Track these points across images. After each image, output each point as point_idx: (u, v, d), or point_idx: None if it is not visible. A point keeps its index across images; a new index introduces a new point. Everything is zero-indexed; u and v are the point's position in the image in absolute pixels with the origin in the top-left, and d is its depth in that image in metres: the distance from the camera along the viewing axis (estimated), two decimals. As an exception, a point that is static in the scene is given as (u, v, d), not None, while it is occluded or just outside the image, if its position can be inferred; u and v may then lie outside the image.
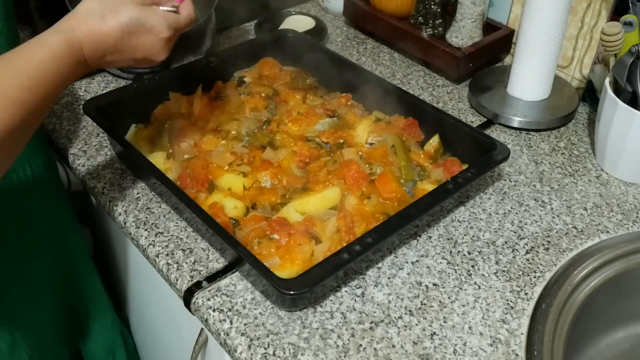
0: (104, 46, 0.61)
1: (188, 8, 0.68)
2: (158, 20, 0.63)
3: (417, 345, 0.66)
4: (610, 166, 0.90)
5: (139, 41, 0.63)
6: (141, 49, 0.64)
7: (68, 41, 0.59)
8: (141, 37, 0.63)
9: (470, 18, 1.06)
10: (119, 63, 0.65)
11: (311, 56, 1.02)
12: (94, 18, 0.60)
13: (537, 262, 0.76)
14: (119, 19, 0.61)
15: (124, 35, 0.61)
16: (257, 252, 0.70)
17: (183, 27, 0.67)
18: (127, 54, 0.63)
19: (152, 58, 0.66)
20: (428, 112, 0.90)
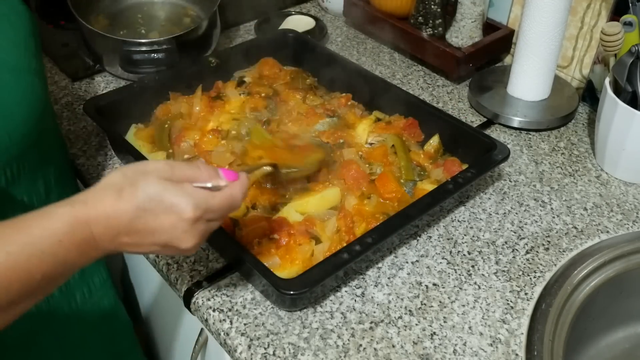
0: (117, 225, 0.52)
1: (231, 190, 0.56)
2: (182, 198, 0.52)
3: (417, 345, 0.66)
4: (610, 166, 0.90)
5: (157, 222, 0.52)
6: (160, 231, 0.53)
7: (74, 216, 0.50)
8: (160, 217, 0.52)
9: (470, 18, 1.06)
10: (140, 247, 0.54)
11: (311, 56, 1.02)
12: (110, 192, 0.52)
13: (537, 262, 0.76)
14: (136, 195, 0.52)
15: (139, 213, 0.52)
16: (257, 252, 0.70)
17: (217, 209, 0.55)
18: (146, 237, 0.53)
19: (175, 244, 0.54)
20: (428, 112, 0.90)
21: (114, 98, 0.89)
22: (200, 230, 0.54)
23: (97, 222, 0.51)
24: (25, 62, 0.65)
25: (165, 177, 0.53)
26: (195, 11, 1.14)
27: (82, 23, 0.99)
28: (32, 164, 0.67)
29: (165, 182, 0.53)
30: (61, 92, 1.03)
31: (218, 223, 0.57)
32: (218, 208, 0.55)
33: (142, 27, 1.10)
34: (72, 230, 0.50)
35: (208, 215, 0.54)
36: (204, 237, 0.56)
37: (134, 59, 0.98)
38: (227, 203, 0.56)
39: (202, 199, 0.54)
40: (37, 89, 0.66)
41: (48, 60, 1.11)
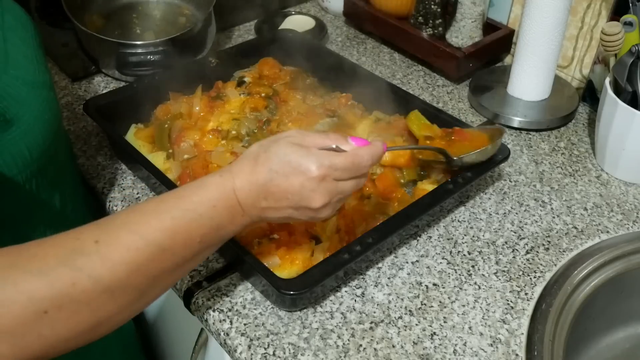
0: (255, 189, 0.56)
1: (357, 151, 0.58)
2: (307, 157, 0.56)
3: (417, 346, 0.66)
4: (610, 166, 0.90)
5: (287, 182, 0.56)
6: (292, 192, 0.56)
7: (222, 183, 0.56)
8: (290, 177, 0.55)
9: (470, 18, 1.06)
10: (278, 211, 0.58)
11: (311, 56, 1.02)
12: (248, 160, 0.57)
13: (537, 262, 0.76)
14: (269, 158, 0.56)
15: (271, 175, 0.56)
16: (257, 252, 0.70)
17: (342, 167, 0.56)
18: (281, 199, 0.56)
19: (307, 203, 0.57)
20: (428, 112, 0.90)
21: (114, 98, 0.89)
22: (328, 189, 0.56)
23: (241, 188, 0.56)
24: (41, 77, 0.65)
25: (296, 142, 0.57)
26: (190, 10, 1.14)
27: (77, 25, 0.99)
28: (49, 178, 0.66)
29: (294, 146, 0.56)
30: (61, 92, 1.03)
31: (349, 185, 0.58)
32: (342, 166, 0.56)
33: (137, 26, 1.10)
34: (222, 197, 0.55)
35: (334, 173, 0.56)
36: (334, 196, 0.57)
37: (130, 61, 0.98)
38: (350, 161, 0.57)
39: (325, 158, 0.56)
40: (53, 104, 0.66)
41: (48, 60, 1.10)
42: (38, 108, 0.62)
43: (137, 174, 0.86)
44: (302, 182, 0.56)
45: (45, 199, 0.67)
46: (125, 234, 0.51)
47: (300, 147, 0.56)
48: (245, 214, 0.57)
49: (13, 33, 0.64)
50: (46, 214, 0.68)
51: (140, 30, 1.09)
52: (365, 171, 0.59)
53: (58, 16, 1.20)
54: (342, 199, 0.59)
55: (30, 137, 0.60)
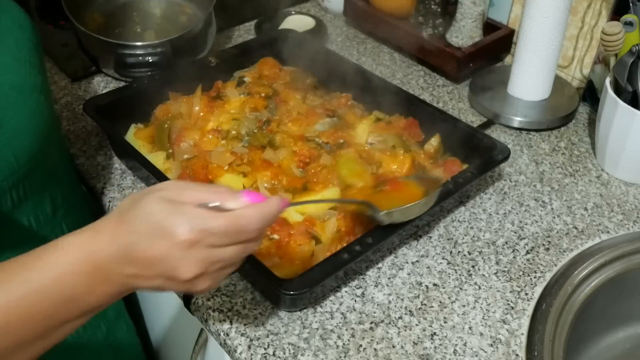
0: (118, 251, 0.47)
1: (243, 212, 0.47)
2: (175, 217, 0.46)
3: (417, 346, 0.66)
4: (610, 166, 0.90)
5: (153, 247, 0.46)
6: (157, 259, 0.46)
7: (79, 244, 0.47)
8: (155, 242, 0.46)
9: (470, 18, 1.06)
10: (147, 280, 0.48)
11: (311, 56, 1.02)
12: (113, 216, 0.48)
13: (537, 263, 0.76)
14: (134, 217, 0.47)
15: (135, 237, 0.46)
16: (257, 252, 0.70)
17: (219, 231, 0.46)
18: (146, 266, 0.47)
19: (174, 274, 0.47)
20: (428, 112, 0.90)
21: (114, 98, 0.89)
22: (201, 258, 0.46)
23: (101, 249, 0.47)
24: (31, 80, 0.63)
25: (169, 198, 0.47)
26: (191, 9, 1.14)
27: (76, 25, 0.99)
28: (38, 184, 0.65)
29: (164, 202, 0.46)
30: (61, 92, 1.03)
31: (231, 251, 0.48)
32: (219, 231, 0.46)
33: (137, 25, 1.10)
34: (76, 261, 0.46)
35: (208, 239, 0.46)
36: (211, 265, 0.47)
37: (128, 62, 0.97)
38: (230, 225, 0.47)
39: (198, 219, 0.46)
40: (43, 108, 0.63)
41: (48, 60, 1.10)
42: (26, 113, 0.60)
43: (137, 174, 0.86)
44: (168, 248, 0.45)
45: (34, 204, 0.65)
46: None
47: (171, 205, 0.46)
48: (109, 282, 0.47)
49: (8, 34, 0.63)
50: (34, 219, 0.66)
51: (140, 29, 1.09)
52: (253, 235, 0.48)
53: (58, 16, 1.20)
54: (225, 267, 0.49)
55: (17, 143, 0.58)
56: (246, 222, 0.47)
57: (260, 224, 0.48)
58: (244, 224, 0.47)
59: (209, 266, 0.47)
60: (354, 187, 0.78)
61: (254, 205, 0.48)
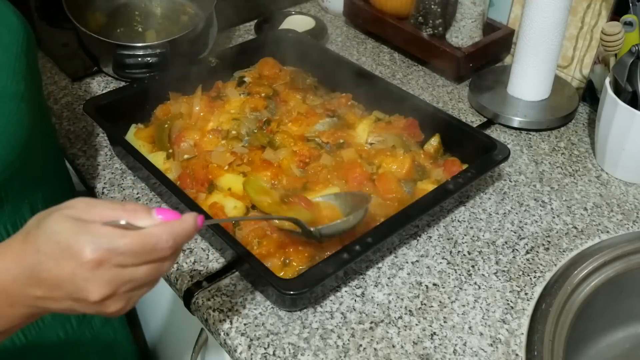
0: (23, 272, 0.45)
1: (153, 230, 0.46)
2: (80, 236, 0.44)
3: (417, 345, 0.66)
4: (610, 166, 0.90)
5: (59, 267, 0.44)
6: (63, 280, 0.44)
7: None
8: (61, 262, 0.44)
9: (470, 18, 1.06)
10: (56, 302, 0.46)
11: (311, 56, 1.02)
12: (18, 236, 0.46)
13: (537, 262, 0.76)
14: (37, 236, 0.44)
15: (40, 257, 0.44)
16: (257, 252, 0.70)
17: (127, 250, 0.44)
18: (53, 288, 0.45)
19: (82, 295, 0.45)
20: (428, 112, 0.90)
21: (114, 98, 0.89)
22: (109, 279, 0.44)
23: (5, 270, 0.44)
24: (12, 87, 0.60)
25: (75, 216, 0.45)
26: (193, 9, 1.14)
27: (76, 25, 0.99)
28: (16, 190, 0.63)
29: (69, 221, 0.44)
30: (61, 92, 1.03)
31: (142, 272, 0.46)
32: (127, 250, 0.44)
33: (139, 24, 1.10)
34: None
35: (116, 258, 0.44)
36: (120, 286, 0.45)
37: (127, 64, 0.97)
38: (139, 244, 0.45)
39: (104, 238, 0.44)
40: (23, 116, 0.61)
41: (48, 60, 1.11)
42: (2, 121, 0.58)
43: (137, 174, 0.86)
44: (74, 268, 0.44)
45: (11, 211, 0.63)
46: None
47: (76, 223, 0.44)
48: (15, 304, 0.45)
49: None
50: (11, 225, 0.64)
51: (142, 28, 1.09)
52: (165, 254, 0.46)
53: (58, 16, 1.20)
54: (138, 288, 0.47)
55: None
56: (155, 241, 0.45)
57: (170, 243, 0.46)
58: (154, 242, 0.45)
59: (119, 287, 0.45)
60: (263, 203, 0.76)
61: (166, 223, 0.47)
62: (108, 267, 0.44)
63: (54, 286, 0.45)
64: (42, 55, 1.11)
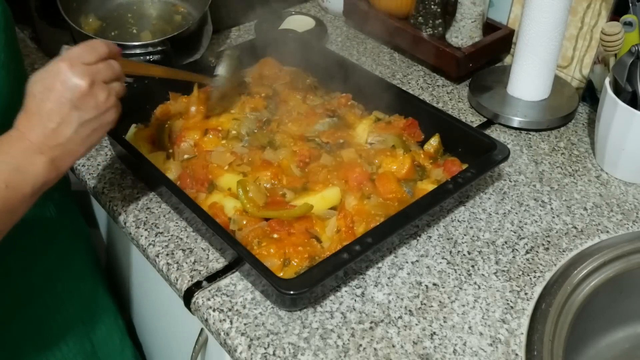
0: (34, 116, 0.60)
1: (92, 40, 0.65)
2: (51, 64, 0.61)
3: (417, 345, 0.66)
4: (610, 166, 0.90)
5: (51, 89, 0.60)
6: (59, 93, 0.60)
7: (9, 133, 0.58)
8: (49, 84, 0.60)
9: (470, 18, 1.06)
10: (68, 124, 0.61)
11: (311, 56, 1.02)
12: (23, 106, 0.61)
13: (537, 262, 0.76)
14: (29, 90, 0.60)
15: (37, 96, 0.60)
16: (257, 252, 0.70)
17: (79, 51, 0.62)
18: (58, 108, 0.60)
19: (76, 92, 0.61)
20: (428, 112, 0.90)
21: (114, 98, 0.89)
22: (81, 70, 0.60)
23: (22, 125, 0.59)
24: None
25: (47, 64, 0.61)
26: (185, 8, 1.14)
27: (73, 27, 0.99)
28: None
29: (41, 69, 0.60)
30: (61, 92, 1.02)
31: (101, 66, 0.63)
32: (79, 50, 0.61)
33: (133, 27, 1.10)
34: (10, 140, 0.58)
35: (79, 58, 0.61)
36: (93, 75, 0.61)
37: None
38: (84, 46, 0.62)
39: (64, 53, 0.62)
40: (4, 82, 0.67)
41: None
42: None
43: (137, 174, 0.86)
44: (61, 78, 0.59)
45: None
46: None
47: (43, 66, 0.61)
48: (43, 151, 0.59)
49: None
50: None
51: (136, 30, 1.09)
52: (102, 50, 0.63)
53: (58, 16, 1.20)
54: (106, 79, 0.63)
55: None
56: (92, 42, 0.64)
57: (104, 44, 0.64)
58: (91, 43, 0.63)
59: (95, 75, 0.61)
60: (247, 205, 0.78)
61: None
62: (78, 65, 0.60)
63: (58, 107, 0.59)
64: (42, 55, 1.11)
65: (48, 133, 0.59)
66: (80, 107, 0.61)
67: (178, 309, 0.75)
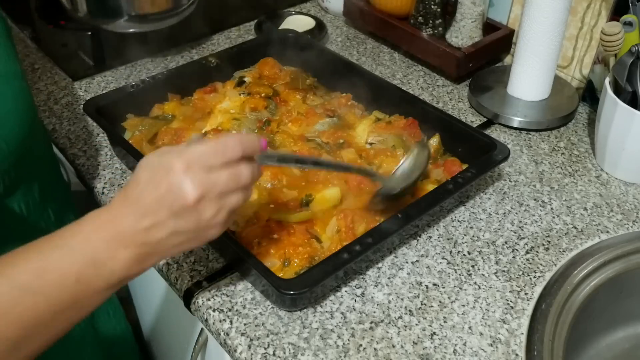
0: (130, 207, 0.51)
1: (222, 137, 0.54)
2: (168, 155, 0.52)
3: (417, 345, 0.66)
4: (610, 166, 0.90)
5: (157, 185, 0.51)
6: (163, 193, 0.51)
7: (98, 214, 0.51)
8: (157, 180, 0.51)
9: (470, 18, 1.06)
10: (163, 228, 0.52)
11: (311, 56, 1.02)
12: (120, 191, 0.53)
13: (537, 262, 0.76)
14: (136, 174, 0.53)
15: (142, 186, 0.52)
16: (257, 252, 0.70)
17: (206, 152, 0.52)
18: (158, 209, 0.51)
19: (181, 202, 0.51)
20: (428, 112, 0.90)
21: (114, 98, 0.89)
22: (198, 179, 0.51)
23: (116, 214, 0.51)
24: (12, 67, 0.64)
25: (163, 150, 0.54)
26: None
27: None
28: (28, 169, 0.66)
29: (159, 152, 0.53)
30: (61, 92, 1.03)
31: (224, 176, 0.53)
32: (205, 150, 0.52)
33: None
34: (97, 228, 0.51)
35: (199, 160, 0.52)
36: (210, 188, 0.52)
37: None
38: (212, 145, 0.53)
39: (188, 148, 0.53)
40: (27, 94, 0.65)
41: (48, 60, 1.11)
42: (11, 99, 0.61)
43: (137, 174, 0.86)
44: (168, 180, 0.51)
45: (25, 190, 0.67)
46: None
47: (162, 151, 0.53)
48: (129, 245, 0.51)
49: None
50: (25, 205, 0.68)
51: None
52: (235, 155, 0.54)
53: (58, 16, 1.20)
54: (224, 191, 0.53)
55: (6, 129, 0.60)
56: (224, 143, 0.54)
57: (238, 147, 0.54)
58: (223, 144, 0.53)
59: (209, 188, 0.52)
60: None
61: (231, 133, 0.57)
62: (196, 170, 0.52)
63: (157, 207, 0.51)
64: (42, 55, 1.12)
65: (139, 229, 0.51)
66: (180, 217, 0.52)
67: (178, 309, 0.75)
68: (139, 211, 0.51)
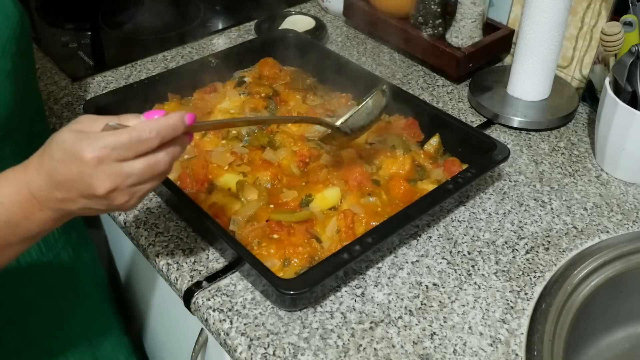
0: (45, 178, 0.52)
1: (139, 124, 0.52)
2: (82, 141, 0.51)
3: (417, 345, 0.66)
4: (610, 166, 0.90)
5: (68, 170, 0.51)
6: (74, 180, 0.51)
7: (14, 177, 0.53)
8: (69, 165, 0.51)
9: (470, 18, 1.06)
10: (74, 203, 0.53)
11: (311, 56, 1.02)
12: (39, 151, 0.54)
13: (537, 262, 0.76)
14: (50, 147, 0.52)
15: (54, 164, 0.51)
16: (257, 252, 0.70)
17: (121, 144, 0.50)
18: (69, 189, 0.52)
19: (91, 191, 0.52)
20: (428, 112, 0.90)
21: (114, 98, 0.89)
22: (110, 173, 0.51)
23: (32, 179, 0.53)
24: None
25: (79, 129, 0.52)
26: None
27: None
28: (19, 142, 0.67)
29: (73, 132, 0.52)
30: (61, 92, 1.03)
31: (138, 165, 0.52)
32: (118, 143, 0.50)
33: None
34: (12, 192, 0.53)
35: (112, 153, 0.50)
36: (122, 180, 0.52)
37: None
38: (126, 136, 0.51)
39: (100, 139, 0.51)
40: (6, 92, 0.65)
41: (48, 60, 1.11)
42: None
43: (137, 174, 0.86)
44: (79, 168, 0.51)
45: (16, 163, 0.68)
46: None
47: (79, 133, 0.52)
48: (44, 208, 0.53)
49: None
50: None
51: None
52: (151, 144, 0.52)
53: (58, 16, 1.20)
54: (139, 183, 0.53)
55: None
56: (139, 132, 0.51)
57: (154, 134, 0.52)
58: (137, 134, 0.51)
59: (121, 180, 0.52)
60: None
61: (150, 119, 0.53)
62: (108, 163, 0.51)
63: (68, 187, 0.52)
64: (42, 55, 1.12)
65: (52, 198, 0.53)
66: (90, 200, 0.53)
67: (178, 309, 0.75)
68: (52, 183, 0.52)
